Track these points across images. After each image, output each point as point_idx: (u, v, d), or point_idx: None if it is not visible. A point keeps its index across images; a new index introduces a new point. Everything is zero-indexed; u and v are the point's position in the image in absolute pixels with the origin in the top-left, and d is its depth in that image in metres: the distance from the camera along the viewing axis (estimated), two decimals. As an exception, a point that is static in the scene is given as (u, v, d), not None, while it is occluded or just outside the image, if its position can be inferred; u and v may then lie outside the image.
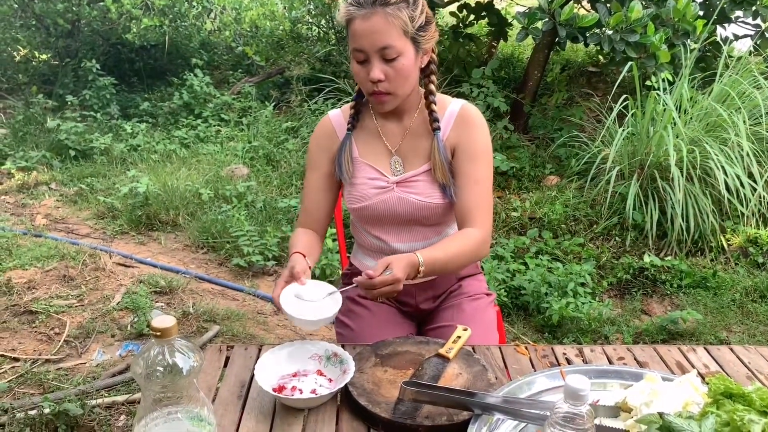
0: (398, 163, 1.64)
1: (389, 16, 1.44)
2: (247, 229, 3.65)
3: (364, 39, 1.46)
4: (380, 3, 1.44)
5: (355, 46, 1.48)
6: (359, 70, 1.51)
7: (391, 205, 1.63)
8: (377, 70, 1.47)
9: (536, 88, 5.10)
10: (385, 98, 1.53)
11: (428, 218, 1.65)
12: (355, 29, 1.47)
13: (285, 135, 5.31)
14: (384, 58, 1.47)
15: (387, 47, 1.46)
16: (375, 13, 1.44)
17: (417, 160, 1.63)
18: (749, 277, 3.38)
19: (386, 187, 1.62)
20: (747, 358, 1.51)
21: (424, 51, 1.54)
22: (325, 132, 1.68)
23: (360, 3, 1.46)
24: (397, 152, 1.64)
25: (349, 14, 1.47)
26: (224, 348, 1.47)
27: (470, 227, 1.56)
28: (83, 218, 4.21)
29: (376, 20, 1.44)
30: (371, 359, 1.39)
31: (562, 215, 3.78)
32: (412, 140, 1.63)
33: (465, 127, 1.61)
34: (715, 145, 3.66)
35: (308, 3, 6.87)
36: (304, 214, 1.71)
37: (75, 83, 6.46)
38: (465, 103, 1.64)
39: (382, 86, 1.50)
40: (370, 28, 1.45)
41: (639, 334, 2.99)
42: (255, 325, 2.95)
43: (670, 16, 4.00)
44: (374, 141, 1.65)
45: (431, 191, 1.61)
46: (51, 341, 2.70)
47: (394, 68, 1.48)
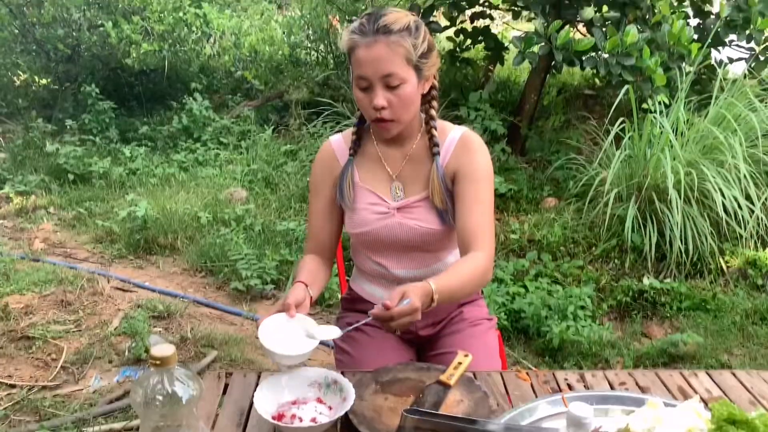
0: (399, 188, 1.64)
1: (392, 45, 1.46)
2: (245, 253, 3.65)
3: (368, 67, 1.47)
4: (383, 31, 1.46)
5: (359, 73, 1.49)
6: (362, 97, 1.52)
7: (392, 231, 1.62)
8: (380, 98, 1.48)
9: (533, 111, 5.13)
10: (388, 125, 1.54)
11: (429, 244, 1.65)
12: (358, 57, 1.48)
13: (284, 158, 5.33)
14: (387, 86, 1.48)
15: (390, 75, 1.47)
16: (378, 41, 1.46)
17: (417, 185, 1.63)
18: (749, 299, 3.38)
19: (387, 212, 1.62)
20: (749, 382, 1.50)
21: (426, 78, 1.55)
22: (327, 158, 1.69)
23: (363, 31, 1.47)
24: (398, 177, 1.64)
25: (353, 42, 1.48)
26: (223, 375, 1.46)
27: (474, 250, 1.53)
28: (81, 242, 4.20)
29: (379, 48, 1.45)
30: (371, 386, 1.38)
31: (561, 237, 3.78)
32: (413, 166, 1.63)
33: (465, 152, 1.61)
34: (712, 168, 3.67)
35: (307, 28, 6.94)
36: (311, 240, 1.72)
37: (74, 107, 6.50)
38: (466, 130, 1.64)
39: (385, 113, 1.51)
40: (373, 56, 1.46)
41: (640, 358, 2.97)
42: (253, 350, 2.94)
43: (665, 40, 4.05)
44: (375, 166, 1.65)
45: (431, 217, 1.61)
46: (48, 367, 2.68)
47: (397, 95, 1.49)
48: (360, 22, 1.49)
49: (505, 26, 7.01)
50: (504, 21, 7.08)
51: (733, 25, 4.41)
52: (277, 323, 1.40)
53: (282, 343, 1.35)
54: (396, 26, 1.46)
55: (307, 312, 1.48)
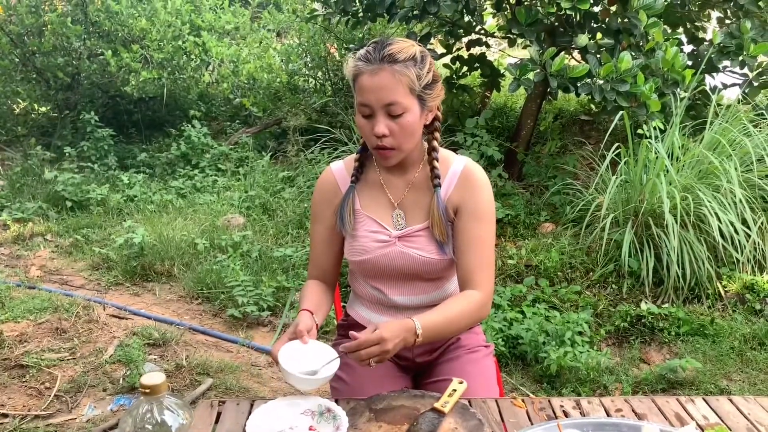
0: (401, 216, 1.64)
1: (396, 74, 1.47)
2: (241, 279, 3.64)
3: (371, 94, 1.48)
4: (388, 60, 1.47)
5: (362, 100, 1.50)
6: (364, 124, 1.53)
7: (393, 259, 1.62)
8: (382, 126, 1.49)
9: (529, 136, 5.16)
10: (389, 153, 1.54)
11: (429, 273, 1.65)
12: (362, 84, 1.49)
13: (281, 184, 5.35)
14: (389, 114, 1.49)
15: (393, 104, 1.48)
16: (383, 69, 1.47)
17: (419, 214, 1.63)
18: (747, 324, 3.36)
19: (388, 241, 1.62)
20: (747, 409, 1.49)
21: (429, 108, 1.57)
22: (328, 184, 1.69)
23: (369, 59, 1.48)
24: (399, 206, 1.65)
25: (357, 69, 1.50)
26: (216, 403, 1.45)
27: (471, 288, 1.56)
28: (78, 269, 4.19)
29: (383, 76, 1.46)
30: (365, 414, 1.37)
31: (558, 263, 3.77)
32: (415, 194, 1.64)
33: (468, 187, 1.61)
34: (708, 192, 3.68)
35: (305, 56, 7.00)
36: (313, 266, 1.73)
37: (73, 135, 6.52)
38: (468, 162, 1.65)
39: (387, 141, 1.51)
40: (377, 84, 1.47)
41: (638, 384, 2.95)
42: (249, 378, 2.91)
43: (659, 66, 4.08)
44: (377, 194, 1.66)
45: (432, 247, 1.61)
46: (41, 396, 2.65)
47: (399, 124, 1.50)
48: (366, 50, 1.51)
49: (501, 53, 7.08)
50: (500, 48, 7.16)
51: (726, 51, 4.45)
52: (294, 349, 1.43)
53: (303, 368, 1.39)
54: (401, 56, 1.48)
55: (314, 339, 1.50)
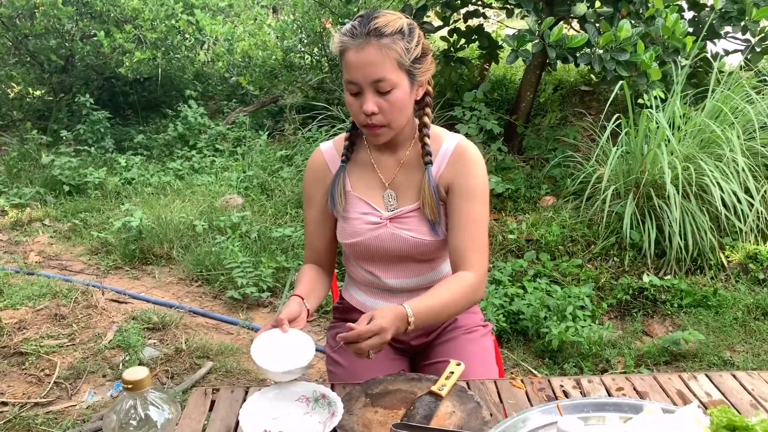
0: (392, 196, 1.59)
1: (384, 48, 1.40)
2: (241, 261, 3.61)
3: (358, 71, 1.42)
4: (375, 34, 1.40)
5: (349, 77, 1.44)
6: (353, 102, 1.47)
7: (384, 242, 1.58)
8: (370, 103, 1.43)
9: (529, 109, 5.09)
10: (378, 131, 1.48)
11: (421, 254, 1.61)
12: (348, 60, 1.43)
13: (279, 163, 5.30)
14: (378, 91, 1.43)
15: (381, 80, 1.42)
16: (369, 44, 1.40)
17: (410, 194, 1.58)
18: (750, 294, 3.34)
19: (379, 223, 1.58)
20: (750, 384, 1.47)
21: (420, 83, 1.51)
22: (318, 166, 1.64)
23: (354, 34, 1.42)
24: (390, 185, 1.60)
25: (343, 45, 1.44)
26: (210, 391, 1.43)
27: (464, 270, 1.51)
28: (77, 254, 4.17)
29: (370, 52, 1.40)
30: (361, 399, 1.35)
31: (559, 236, 3.74)
32: (406, 173, 1.59)
33: (461, 165, 1.55)
34: (710, 162, 3.63)
35: (300, 32, 6.90)
36: (309, 250, 1.69)
37: (69, 118, 6.48)
38: (461, 140, 1.59)
39: (376, 119, 1.46)
40: (363, 60, 1.41)
41: (641, 357, 2.93)
42: (249, 360, 2.88)
43: (660, 34, 4.01)
44: (368, 174, 1.61)
45: (424, 228, 1.57)
46: (41, 383, 2.64)
47: (388, 101, 1.44)
48: (351, 25, 1.44)
49: (499, 25, 6.97)
50: (498, 20, 7.05)
51: (728, 17, 4.36)
52: (271, 339, 1.38)
53: (274, 359, 1.33)
54: (388, 29, 1.41)
55: (303, 325, 1.46)
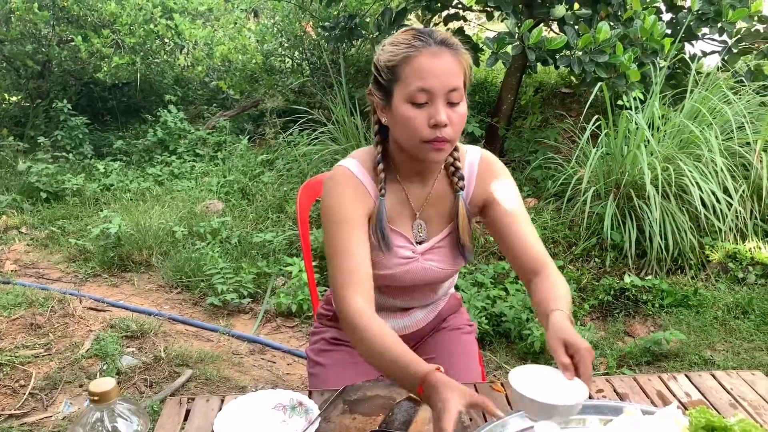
0: (422, 227, 1.52)
1: (458, 57, 1.34)
2: (221, 267, 3.58)
3: (435, 78, 1.31)
4: (446, 44, 1.33)
5: (421, 85, 1.31)
6: (416, 114, 1.33)
7: (414, 275, 1.53)
8: (443, 113, 1.32)
9: (510, 111, 5.11)
10: (444, 145, 1.35)
11: (441, 282, 1.59)
12: (421, 67, 1.31)
13: (260, 168, 5.27)
14: (448, 101, 1.33)
15: (455, 89, 1.33)
16: (444, 52, 1.33)
17: (439, 223, 1.52)
18: (730, 293, 3.36)
19: (412, 257, 1.51)
20: (729, 384, 1.47)
21: None
22: (356, 188, 1.45)
23: (423, 40, 1.33)
24: (420, 216, 1.52)
25: (411, 51, 1.32)
26: (185, 400, 1.40)
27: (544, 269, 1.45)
28: (54, 262, 4.10)
29: (446, 59, 1.32)
30: (339, 406, 1.32)
31: (541, 238, 3.73)
32: (436, 202, 1.51)
33: (492, 178, 1.51)
34: (689, 162, 3.65)
35: (280, 36, 6.87)
36: (356, 281, 1.36)
37: (47, 124, 6.39)
38: (483, 152, 1.53)
39: (446, 132, 1.33)
40: (440, 67, 1.31)
41: (623, 357, 2.94)
42: (230, 367, 2.86)
43: (638, 35, 4.03)
44: (399, 204, 1.50)
45: (453, 257, 1.53)
46: (15, 394, 2.59)
47: (458, 114, 1.34)
48: (412, 35, 1.34)
49: (479, 27, 6.99)
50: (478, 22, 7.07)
51: (705, 18, 4.41)
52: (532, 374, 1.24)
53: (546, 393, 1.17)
54: (454, 41, 1.35)
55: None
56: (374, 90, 1.42)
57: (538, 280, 1.43)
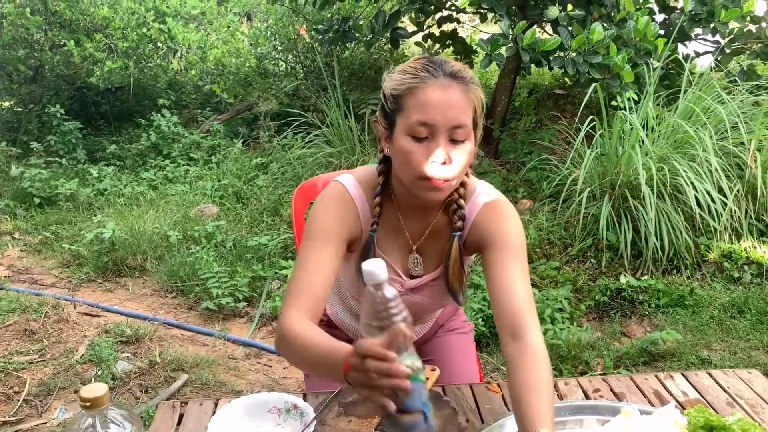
0: (417, 261, 1.44)
1: (468, 93, 1.25)
2: (216, 271, 3.56)
3: (439, 112, 1.22)
4: (457, 77, 1.25)
5: (424, 118, 1.23)
6: (417, 149, 1.24)
7: None
8: (445, 151, 1.23)
9: (505, 113, 5.11)
10: (443, 185, 1.26)
11: (429, 315, 1.60)
12: (426, 99, 1.23)
13: (255, 171, 5.25)
14: (451, 138, 1.24)
15: (460, 126, 1.24)
16: (453, 85, 1.24)
17: (434, 260, 1.44)
18: (726, 292, 3.36)
19: (401, 292, 1.41)
20: (726, 382, 1.46)
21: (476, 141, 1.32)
22: (350, 208, 1.38)
23: (431, 71, 1.24)
24: (417, 250, 1.44)
25: (418, 81, 1.24)
26: (178, 404, 1.38)
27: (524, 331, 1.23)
28: (48, 267, 4.08)
29: (453, 93, 1.23)
30: (334, 409, 1.31)
31: (537, 239, 3.74)
32: (433, 240, 1.43)
33: (496, 218, 1.38)
34: (683, 162, 3.66)
35: (274, 39, 6.86)
36: (304, 297, 1.28)
37: (40, 129, 6.36)
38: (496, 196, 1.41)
39: (445, 171, 1.24)
40: (446, 101, 1.22)
41: (620, 358, 2.93)
42: (226, 371, 2.85)
43: (631, 36, 4.04)
44: (394, 236, 1.43)
45: (443, 295, 1.45)
46: (10, 401, 2.57)
47: (461, 153, 1.25)
48: (421, 64, 1.26)
49: (473, 29, 7.00)
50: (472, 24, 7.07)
51: (698, 19, 4.42)
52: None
53: None
54: (467, 74, 1.26)
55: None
56: (380, 118, 1.34)
57: (517, 351, 1.22)
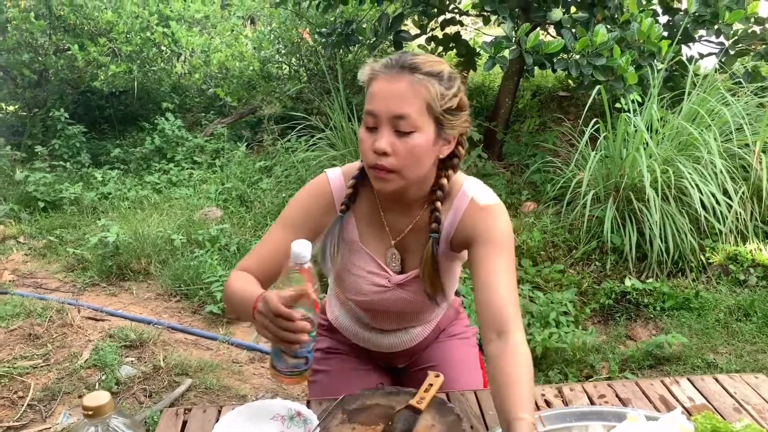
0: (395, 257, 1.46)
1: (416, 84, 1.27)
2: (220, 274, 3.56)
3: (381, 102, 1.28)
4: (410, 68, 1.28)
5: (369, 108, 1.29)
6: (366, 137, 1.31)
7: (388, 303, 1.50)
8: (384, 141, 1.27)
9: (508, 115, 5.10)
10: (386, 175, 1.30)
11: (421, 312, 1.58)
12: (374, 90, 1.29)
13: (258, 174, 5.25)
14: (396, 129, 1.28)
15: (403, 117, 1.27)
16: (401, 76, 1.27)
17: (418, 257, 1.43)
18: (732, 295, 3.34)
19: (387, 287, 1.47)
20: (733, 388, 1.45)
21: (446, 139, 1.34)
22: (322, 198, 1.45)
23: (388, 65, 1.30)
24: (397, 245, 1.46)
25: (373, 73, 1.31)
26: (181, 411, 1.38)
27: (506, 329, 1.25)
28: (52, 271, 4.08)
29: (399, 84, 1.27)
30: (338, 416, 1.31)
31: (541, 242, 3.73)
32: (417, 237, 1.44)
33: (485, 214, 1.38)
34: (688, 164, 3.64)
35: (277, 43, 6.87)
36: (254, 261, 1.42)
37: (44, 133, 6.37)
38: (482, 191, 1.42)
39: (387, 161, 1.28)
40: (390, 91, 1.27)
41: (625, 361, 2.92)
42: (230, 375, 2.85)
43: (635, 38, 4.03)
44: (375, 228, 1.46)
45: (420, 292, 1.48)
46: (14, 406, 2.57)
47: (406, 144, 1.28)
48: (389, 58, 1.32)
49: (476, 32, 7.00)
50: (475, 27, 7.07)
51: (702, 20, 4.40)
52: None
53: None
54: (426, 67, 1.29)
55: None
56: None
57: (498, 348, 1.24)
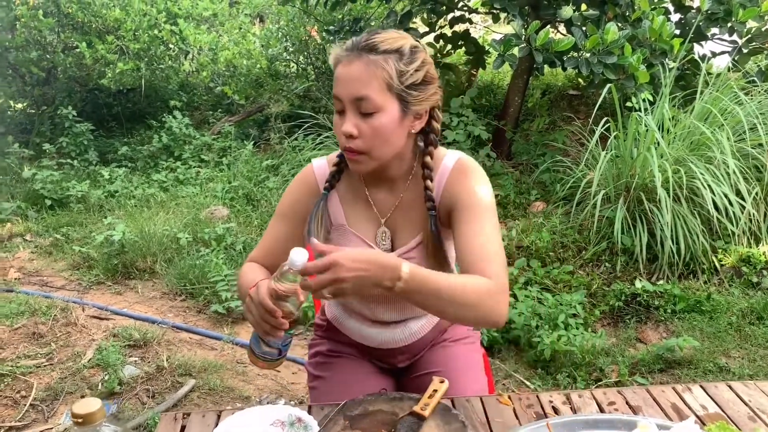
0: (385, 235, 1.46)
1: (371, 65, 1.28)
2: (225, 274, 3.53)
3: (341, 86, 1.31)
4: (366, 49, 1.29)
5: (334, 92, 1.33)
6: (337, 121, 1.34)
7: None
8: (349, 123, 1.30)
9: (517, 114, 5.05)
10: (356, 157, 1.34)
11: None
12: (337, 74, 1.32)
13: (265, 173, 5.23)
14: (359, 111, 1.30)
15: (363, 99, 1.29)
16: (358, 58, 1.29)
17: (410, 232, 1.45)
18: (744, 298, 3.28)
19: None
20: (747, 395, 1.41)
21: (416, 114, 1.35)
22: (306, 185, 1.50)
23: (348, 47, 1.32)
24: (386, 223, 1.46)
25: (336, 57, 1.33)
26: (180, 416, 1.35)
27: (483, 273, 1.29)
28: (58, 269, 4.07)
29: (356, 67, 1.29)
30: (339, 422, 1.28)
31: (550, 242, 3.68)
32: (405, 212, 1.45)
33: (462, 179, 1.40)
34: (700, 164, 3.58)
35: (285, 41, 6.84)
36: (262, 254, 1.52)
37: (52, 131, 6.38)
38: (461, 158, 1.44)
39: (355, 143, 1.32)
40: (348, 75, 1.29)
41: (635, 365, 2.87)
42: (234, 376, 2.82)
43: (647, 36, 3.98)
44: (362, 208, 1.47)
45: (428, 264, 1.41)
46: (16, 405, 2.55)
47: (370, 125, 1.30)
48: (352, 39, 1.34)
49: (486, 30, 6.94)
50: (484, 25, 7.02)
51: (715, 18, 4.34)
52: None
53: None
54: (382, 46, 1.29)
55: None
56: None
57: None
